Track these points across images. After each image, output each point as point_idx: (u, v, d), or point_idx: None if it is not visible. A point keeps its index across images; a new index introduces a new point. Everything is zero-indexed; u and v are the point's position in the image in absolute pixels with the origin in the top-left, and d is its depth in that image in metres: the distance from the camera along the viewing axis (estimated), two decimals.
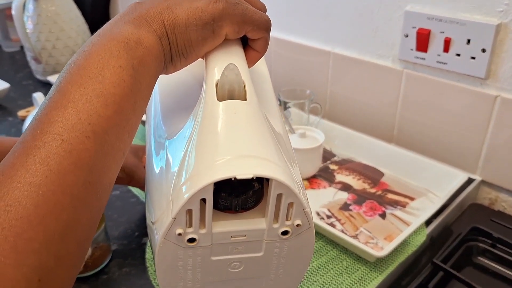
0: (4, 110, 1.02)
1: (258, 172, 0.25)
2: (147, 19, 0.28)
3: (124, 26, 0.28)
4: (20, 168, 0.23)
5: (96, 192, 0.25)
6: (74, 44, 1.12)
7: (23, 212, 0.22)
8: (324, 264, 0.56)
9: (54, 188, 0.23)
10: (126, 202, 0.68)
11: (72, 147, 0.23)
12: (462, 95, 0.68)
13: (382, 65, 0.77)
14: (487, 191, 0.71)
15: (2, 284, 0.21)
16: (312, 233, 0.28)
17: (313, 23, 0.85)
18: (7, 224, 0.21)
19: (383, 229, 0.60)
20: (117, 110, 0.25)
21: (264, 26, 0.32)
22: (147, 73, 0.28)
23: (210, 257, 0.28)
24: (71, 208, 0.23)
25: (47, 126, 0.24)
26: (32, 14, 1.07)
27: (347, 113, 0.86)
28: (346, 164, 0.75)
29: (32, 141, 0.24)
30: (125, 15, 0.29)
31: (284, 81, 0.95)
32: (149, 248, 0.59)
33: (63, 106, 0.24)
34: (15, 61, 1.34)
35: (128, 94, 0.26)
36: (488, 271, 0.57)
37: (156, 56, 0.28)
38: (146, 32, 0.28)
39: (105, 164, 0.25)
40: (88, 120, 0.24)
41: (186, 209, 0.25)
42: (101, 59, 0.26)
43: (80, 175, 0.24)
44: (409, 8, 0.70)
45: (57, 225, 0.23)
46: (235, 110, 0.28)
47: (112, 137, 0.25)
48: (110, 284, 0.54)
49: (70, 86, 0.25)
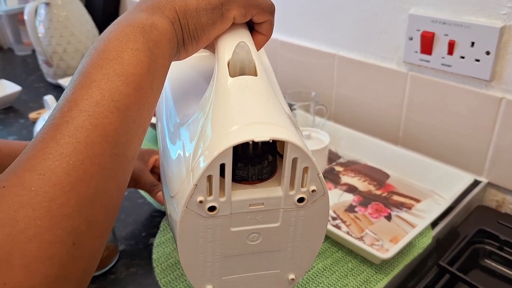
0: (15, 112, 1.04)
1: (275, 135, 0.26)
2: (160, 7, 0.31)
3: (138, 13, 0.30)
4: (51, 141, 0.24)
5: (121, 164, 0.27)
6: (84, 48, 1.13)
7: (55, 179, 0.23)
8: (330, 266, 0.56)
9: (83, 158, 0.24)
10: (134, 202, 0.69)
11: (97, 121, 0.25)
12: (467, 97, 0.68)
13: (387, 68, 0.77)
14: (494, 193, 0.71)
15: (39, 246, 0.22)
16: (327, 200, 0.29)
17: (319, 26, 0.86)
18: (41, 191, 0.23)
19: (388, 231, 0.61)
20: (136, 88, 0.27)
21: (268, 9, 0.34)
22: (162, 55, 0.30)
23: (230, 228, 0.29)
24: (99, 177, 0.25)
25: (74, 104, 0.26)
26: (44, 19, 1.09)
27: (353, 115, 0.86)
28: (352, 166, 0.76)
29: (61, 118, 0.25)
30: (138, 5, 0.31)
31: (289, 83, 0.96)
32: (155, 249, 0.60)
33: (87, 85, 0.26)
34: (27, 64, 1.36)
35: (146, 73, 0.28)
36: (495, 274, 0.57)
37: (169, 39, 0.30)
38: (159, 18, 0.30)
39: (128, 138, 0.27)
40: (111, 97, 0.26)
41: (207, 175, 0.26)
42: (120, 43, 0.28)
43: (107, 147, 0.25)
44: (413, 11, 0.70)
45: (87, 192, 0.24)
46: (247, 84, 0.30)
47: (133, 113, 0.27)
48: (118, 283, 0.55)
49: (93, 68, 0.27)
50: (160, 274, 0.56)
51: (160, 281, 0.55)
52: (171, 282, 0.54)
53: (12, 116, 1.02)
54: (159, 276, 0.55)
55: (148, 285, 0.54)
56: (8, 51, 1.50)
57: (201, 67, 0.41)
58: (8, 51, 1.50)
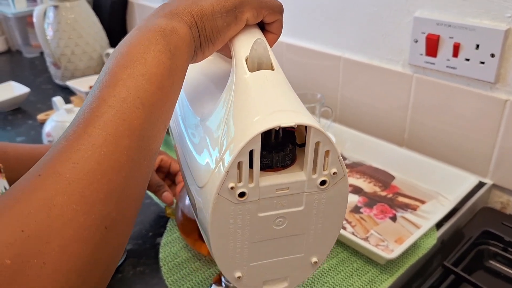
0: (24, 113, 1.05)
1: (300, 120, 0.28)
2: (178, 13, 0.32)
3: (158, 19, 0.32)
4: (83, 134, 0.26)
5: (146, 157, 0.28)
6: (92, 50, 1.15)
7: (88, 168, 0.25)
8: (335, 266, 0.57)
9: (113, 149, 0.26)
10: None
11: (125, 116, 0.27)
12: (472, 99, 0.68)
13: (392, 70, 0.77)
14: (499, 194, 0.71)
15: (76, 228, 0.24)
16: (346, 183, 0.31)
17: (324, 29, 0.87)
18: (76, 178, 0.25)
19: (393, 232, 0.61)
20: (159, 87, 0.29)
21: (278, 10, 0.36)
22: (181, 57, 0.32)
23: (257, 214, 0.30)
24: (128, 168, 0.27)
25: (102, 101, 0.27)
26: (52, 21, 1.11)
27: (358, 117, 0.86)
28: (357, 167, 0.76)
29: (90, 113, 0.27)
30: (156, 13, 0.33)
31: (295, 85, 0.96)
32: (162, 248, 0.60)
33: (113, 84, 0.28)
34: (35, 66, 1.38)
35: (168, 73, 0.30)
36: (500, 275, 0.57)
37: (188, 42, 0.32)
38: (178, 23, 0.32)
39: (152, 133, 0.29)
40: (137, 94, 0.28)
41: (238, 162, 0.28)
42: (142, 46, 0.30)
43: (134, 139, 0.27)
44: (418, 14, 0.70)
45: (117, 179, 0.26)
46: (266, 78, 0.32)
47: (157, 109, 0.29)
48: (125, 282, 0.55)
49: (118, 69, 0.29)
50: (166, 273, 0.56)
51: (166, 280, 0.55)
52: (178, 281, 0.55)
53: (20, 117, 1.03)
54: (166, 275, 0.56)
55: (155, 284, 0.55)
56: (16, 53, 1.52)
57: (206, 70, 0.43)
58: (16, 53, 1.52)
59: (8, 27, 1.50)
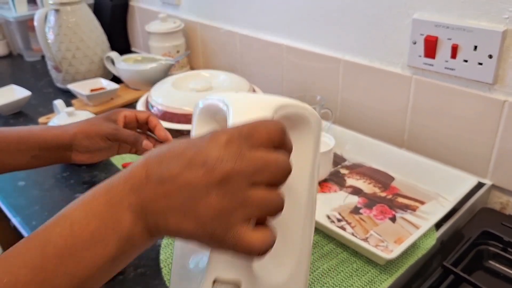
0: (25, 116, 1.05)
1: None
2: (147, 214, 0.29)
3: (125, 214, 0.29)
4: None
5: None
6: (93, 53, 1.15)
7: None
8: (335, 267, 0.57)
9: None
10: None
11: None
12: (471, 100, 0.69)
13: (392, 72, 0.78)
14: (498, 195, 0.71)
15: None
16: None
17: (324, 31, 0.87)
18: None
19: (393, 233, 0.61)
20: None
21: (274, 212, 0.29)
22: (124, 261, 0.31)
23: None
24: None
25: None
26: (53, 25, 1.11)
27: (358, 119, 0.87)
28: (357, 169, 0.76)
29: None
30: (132, 186, 0.29)
31: (295, 87, 0.97)
32: (163, 250, 0.61)
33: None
34: (36, 70, 1.38)
35: (95, 274, 0.29)
36: (499, 275, 0.57)
37: (140, 248, 0.31)
38: (141, 230, 0.30)
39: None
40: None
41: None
42: (90, 239, 0.29)
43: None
44: (417, 16, 0.71)
45: None
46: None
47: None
48: (126, 284, 0.55)
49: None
50: (167, 274, 0.57)
51: (167, 281, 0.55)
52: None
53: (22, 121, 1.03)
54: (167, 277, 0.56)
55: (156, 286, 0.55)
56: (17, 57, 1.53)
57: None
58: (17, 57, 1.53)
59: (10, 31, 1.51)
